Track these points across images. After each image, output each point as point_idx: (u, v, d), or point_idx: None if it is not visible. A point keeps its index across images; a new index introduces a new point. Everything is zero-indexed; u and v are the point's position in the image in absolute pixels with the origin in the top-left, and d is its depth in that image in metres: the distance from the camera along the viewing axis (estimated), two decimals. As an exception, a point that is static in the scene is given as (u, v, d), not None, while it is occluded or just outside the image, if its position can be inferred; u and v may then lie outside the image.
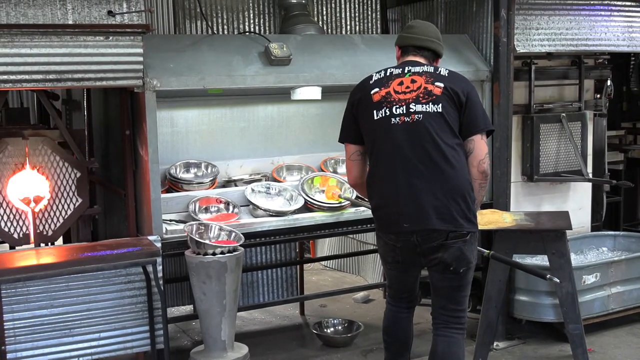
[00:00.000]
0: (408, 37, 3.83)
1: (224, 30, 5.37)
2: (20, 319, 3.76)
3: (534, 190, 5.58)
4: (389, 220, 3.65)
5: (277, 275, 5.90)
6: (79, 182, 4.22)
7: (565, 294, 4.56)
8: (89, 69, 3.85)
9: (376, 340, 5.17)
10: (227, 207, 4.59)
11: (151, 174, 4.16)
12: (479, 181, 3.67)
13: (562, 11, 5.32)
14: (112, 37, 3.88)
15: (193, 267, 4.04)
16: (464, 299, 3.74)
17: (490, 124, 3.81)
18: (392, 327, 3.95)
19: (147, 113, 4.11)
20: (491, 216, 4.72)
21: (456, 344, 3.71)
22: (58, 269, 3.68)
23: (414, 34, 3.81)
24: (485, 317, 4.63)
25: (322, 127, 5.43)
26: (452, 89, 3.60)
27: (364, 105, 3.70)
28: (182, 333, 5.61)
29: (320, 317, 5.80)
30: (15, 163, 4.09)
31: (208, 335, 4.14)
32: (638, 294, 5.32)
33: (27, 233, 4.14)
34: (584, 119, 5.70)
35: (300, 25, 5.17)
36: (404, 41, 3.84)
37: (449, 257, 3.58)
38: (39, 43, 3.73)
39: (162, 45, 4.39)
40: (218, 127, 5.16)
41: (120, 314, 3.99)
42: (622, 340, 5.18)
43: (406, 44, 3.82)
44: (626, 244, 5.77)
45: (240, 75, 4.43)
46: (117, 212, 4.78)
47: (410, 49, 3.81)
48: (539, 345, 5.11)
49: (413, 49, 3.80)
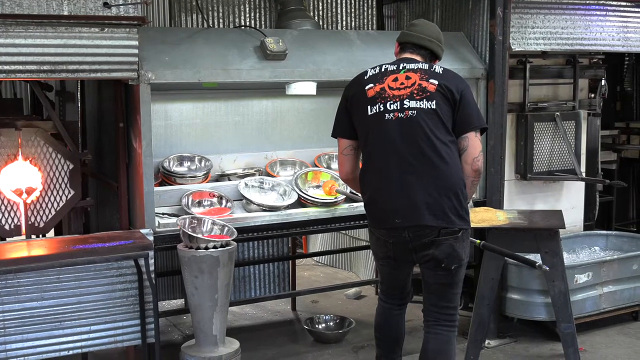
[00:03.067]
0: (408, 34, 3.84)
1: (219, 23, 5.35)
2: (10, 311, 3.74)
3: (528, 189, 5.60)
4: (380, 216, 3.65)
5: (269, 271, 5.88)
6: (71, 174, 4.19)
7: (557, 293, 4.57)
8: (83, 60, 3.82)
9: (367, 337, 5.17)
10: (220, 202, 4.58)
11: (144, 167, 4.14)
12: (471, 178, 3.68)
13: (557, 10, 5.32)
14: (108, 28, 3.86)
15: (185, 261, 4.03)
16: (456, 296, 3.74)
17: (484, 122, 3.82)
18: (383, 324, 3.95)
19: (142, 106, 4.09)
20: (484, 214, 4.73)
21: (447, 342, 3.71)
22: (49, 261, 3.66)
23: (415, 32, 3.83)
24: (477, 315, 4.63)
25: (316, 122, 5.42)
26: (447, 87, 3.60)
27: (358, 101, 3.70)
28: (172, 327, 5.59)
29: (311, 312, 5.80)
30: (7, 154, 4.06)
31: (199, 330, 4.12)
32: (630, 294, 5.34)
33: (18, 224, 4.12)
34: (578, 118, 5.71)
35: (296, 20, 5.15)
36: (403, 38, 3.86)
37: (440, 254, 3.58)
38: (33, 34, 3.70)
39: (157, 37, 4.37)
40: (212, 120, 5.14)
41: (111, 307, 3.97)
42: (614, 339, 5.19)
43: (405, 41, 3.84)
44: (618, 244, 5.80)
45: (236, 69, 4.42)
46: (109, 204, 4.76)
47: (408, 46, 3.82)
48: (530, 344, 5.12)
49: (411, 47, 3.81)
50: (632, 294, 5.35)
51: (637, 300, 5.40)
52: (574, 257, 5.52)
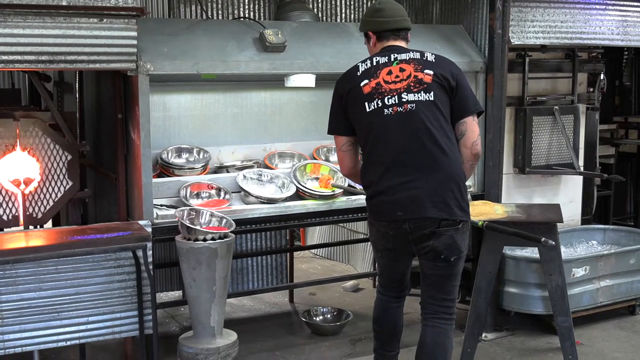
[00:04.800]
0: (382, 21, 3.73)
1: (218, 15, 5.34)
2: (7, 302, 3.73)
3: (526, 183, 5.59)
4: (382, 209, 3.64)
5: (267, 263, 5.89)
6: (69, 164, 4.19)
7: (554, 287, 4.57)
8: (82, 51, 3.81)
9: (365, 329, 5.18)
10: (218, 193, 4.58)
11: (143, 159, 4.13)
12: (470, 162, 3.71)
13: (557, 4, 5.31)
14: (106, 19, 3.84)
15: (183, 252, 4.03)
16: (454, 288, 3.74)
17: (480, 106, 3.83)
18: (382, 317, 3.95)
19: (140, 97, 4.08)
20: (483, 207, 4.73)
21: (445, 335, 3.72)
22: (47, 251, 3.65)
23: (388, 17, 3.72)
24: (474, 308, 4.64)
25: (315, 114, 5.41)
26: (442, 75, 3.60)
27: (355, 97, 3.67)
28: (170, 318, 5.60)
29: (309, 305, 5.80)
30: (5, 144, 4.06)
31: (197, 322, 4.13)
32: (626, 288, 5.35)
33: (16, 215, 4.11)
34: (577, 112, 5.71)
35: (295, 12, 5.15)
36: (379, 26, 3.74)
37: (440, 245, 3.58)
38: (32, 24, 3.69)
39: (156, 28, 4.36)
40: (211, 112, 5.14)
41: (109, 298, 3.96)
42: (610, 333, 5.20)
43: (382, 29, 3.73)
44: (616, 238, 5.80)
45: (235, 61, 4.40)
46: (107, 195, 4.76)
47: (387, 34, 3.73)
48: (527, 337, 5.13)
49: (391, 33, 3.73)
50: (629, 288, 5.36)
51: (634, 294, 5.41)
52: (571, 251, 5.53)
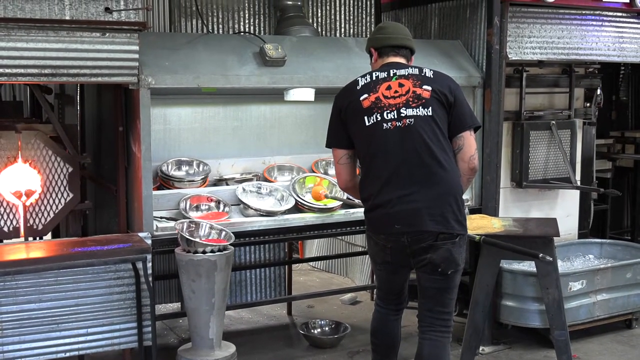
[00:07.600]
0: (383, 37, 3.82)
1: (219, 29, 5.38)
2: (8, 313, 3.74)
3: (523, 197, 5.62)
4: (381, 222, 3.67)
5: (266, 275, 5.91)
6: (70, 176, 4.21)
7: (551, 301, 4.59)
8: (84, 64, 3.85)
9: (363, 342, 5.19)
10: (217, 206, 4.60)
11: (143, 171, 4.16)
12: (467, 176, 3.76)
13: (554, 20, 5.36)
14: (109, 33, 3.89)
15: (183, 264, 4.05)
16: (451, 301, 3.76)
17: (477, 120, 3.86)
18: (379, 329, 3.97)
19: (141, 110, 4.11)
20: (480, 221, 4.76)
21: (442, 347, 3.73)
22: (47, 263, 3.67)
23: (389, 34, 3.82)
24: (471, 321, 4.66)
25: (314, 128, 5.44)
26: (440, 91, 3.65)
27: (354, 112, 3.70)
28: (169, 330, 5.61)
29: (307, 317, 5.82)
30: (7, 156, 4.09)
31: (196, 334, 4.14)
32: (623, 302, 5.37)
33: (17, 226, 4.14)
34: (574, 127, 5.75)
35: (295, 27, 5.19)
36: (380, 42, 3.82)
37: (437, 258, 3.61)
38: (35, 37, 3.73)
39: (157, 42, 4.40)
40: (211, 125, 5.17)
41: (108, 309, 3.97)
42: (607, 347, 5.22)
43: (383, 45, 3.81)
44: (612, 252, 5.82)
45: (235, 75, 4.44)
46: (107, 207, 4.78)
47: (387, 50, 3.80)
48: (524, 351, 5.15)
49: (391, 50, 3.80)
50: (626, 302, 5.38)
51: (630, 308, 5.43)
52: (568, 265, 5.55)
